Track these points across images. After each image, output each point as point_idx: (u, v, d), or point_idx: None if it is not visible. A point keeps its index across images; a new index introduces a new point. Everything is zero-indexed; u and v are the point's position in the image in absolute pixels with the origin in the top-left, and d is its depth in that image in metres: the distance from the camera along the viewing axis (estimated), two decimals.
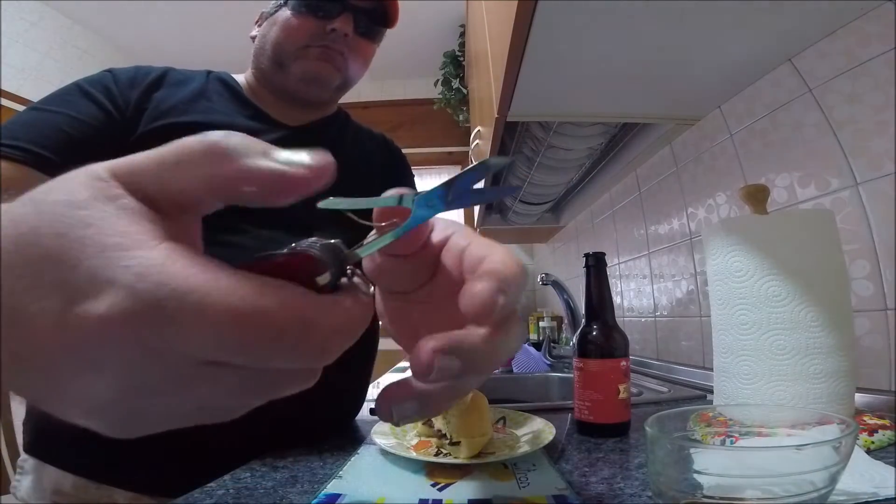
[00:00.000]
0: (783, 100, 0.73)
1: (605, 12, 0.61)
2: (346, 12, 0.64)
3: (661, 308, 1.16)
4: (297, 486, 0.42)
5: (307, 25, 0.63)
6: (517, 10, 0.60)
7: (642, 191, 1.23)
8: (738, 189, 0.56)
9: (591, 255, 0.60)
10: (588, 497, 0.37)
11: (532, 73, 0.76)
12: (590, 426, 0.55)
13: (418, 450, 0.49)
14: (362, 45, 0.68)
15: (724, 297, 0.53)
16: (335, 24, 0.63)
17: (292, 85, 0.66)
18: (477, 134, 1.38)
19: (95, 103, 0.56)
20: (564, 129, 1.04)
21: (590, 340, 0.57)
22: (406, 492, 0.40)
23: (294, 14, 0.64)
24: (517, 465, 0.45)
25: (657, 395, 0.82)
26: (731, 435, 0.37)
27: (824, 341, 0.47)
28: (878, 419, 0.46)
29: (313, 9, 0.63)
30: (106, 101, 0.57)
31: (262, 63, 0.67)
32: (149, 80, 0.62)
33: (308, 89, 0.66)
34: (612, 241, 1.46)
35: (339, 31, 0.63)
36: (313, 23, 0.63)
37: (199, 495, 0.40)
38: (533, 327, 2.25)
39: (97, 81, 0.59)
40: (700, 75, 0.78)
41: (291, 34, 0.64)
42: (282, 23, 0.64)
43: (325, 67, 0.65)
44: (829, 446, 0.27)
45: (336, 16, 0.63)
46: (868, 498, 0.32)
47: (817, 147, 0.67)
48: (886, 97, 0.57)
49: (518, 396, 1.12)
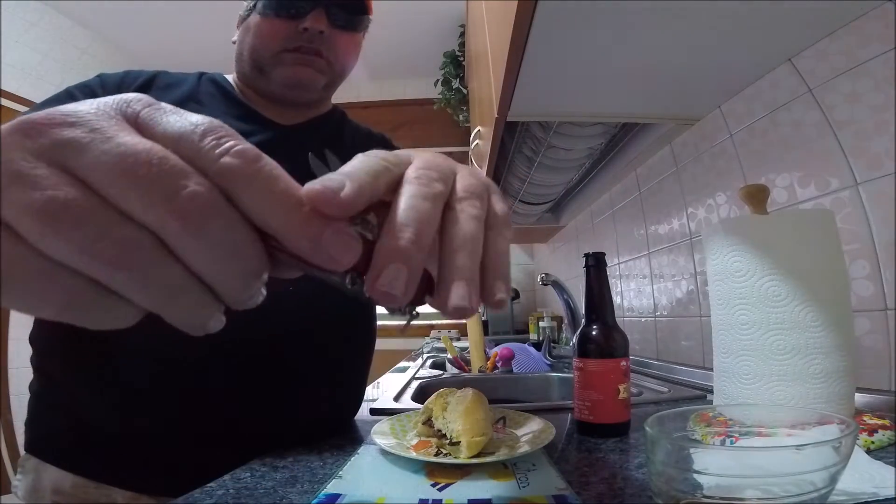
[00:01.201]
0: (783, 100, 0.73)
1: (605, 12, 0.61)
2: (316, 8, 0.61)
3: (661, 308, 1.16)
4: (297, 486, 0.42)
5: (279, 28, 0.61)
6: (517, 10, 0.60)
7: (642, 191, 1.23)
8: (738, 189, 0.56)
9: (591, 255, 0.60)
10: (588, 497, 0.37)
11: (532, 73, 0.76)
12: (590, 426, 0.55)
13: (418, 450, 0.49)
14: (343, 39, 0.65)
15: (724, 296, 0.53)
16: (307, 23, 0.60)
17: (276, 90, 0.64)
18: (477, 134, 1.38)
19: None
20: (564, 129, 1.04)
21: (590, 340, 0.57)
22: (406, 492, 0.40)
23: (263, 17, 0.61)
24: (517, 465, 0.45)
25: (657, 395, 0.82)
26: (731, 435, 0.37)
27: (824, 341, 0.47)
28: (878, 419, 0.46)
29: (282, 8, 0.60)
30: None
31: (243, 69, 0.66)
32: (137, 84, 0.61)
33: (293, 94, 0.65)
34: (612, 241, 1.46)
35: (311, 29, 0.61)
36: (285, 24, 0.61)
37: (199, 495, 0.40)
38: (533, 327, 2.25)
39: (86, 87, 0.58)
40: (700, 75, 0.78)
41: (265, 40, 0.62)
42: (254, 28, 0.62)
43: (304, 72, 0.63)
44: (829, 446, 0.27)
45: (307, 13, 0.60)
46: (868, 498, 0.32)
47: (817, 147, 0.67)
48: (886, 97, 0.57)
49: (518, 396, 1.12)
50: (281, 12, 0.61)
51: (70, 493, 0.54)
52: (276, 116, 0.67)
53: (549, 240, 2.46)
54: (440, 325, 2.84)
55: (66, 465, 0.55)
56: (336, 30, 0.63)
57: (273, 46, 0.62)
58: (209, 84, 0.67)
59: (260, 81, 0.65)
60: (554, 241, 2.36)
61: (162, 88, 0.62)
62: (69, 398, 0.57)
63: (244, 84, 0.68)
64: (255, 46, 0.63)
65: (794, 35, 0.66)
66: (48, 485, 0.55)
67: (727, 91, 0.83)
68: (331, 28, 0.63)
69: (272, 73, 0.63)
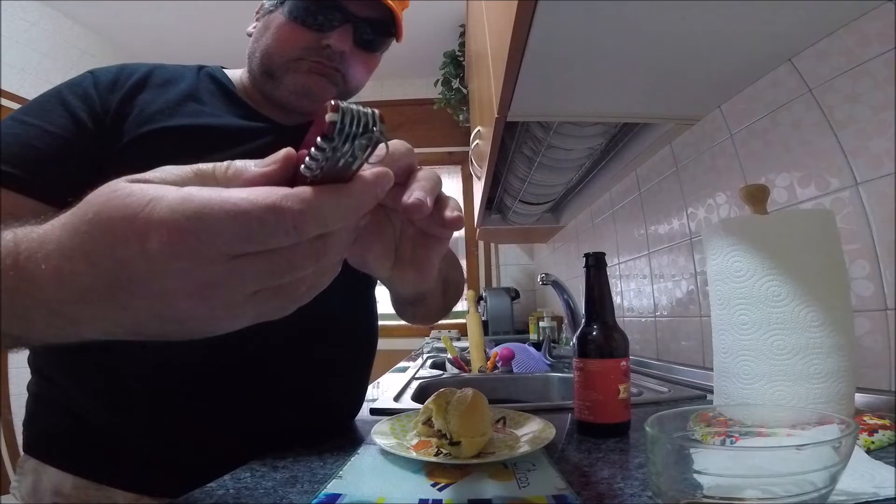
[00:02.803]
0: (783, 100, 0.73)
1: (605, 12, 0.61)
2: (345, 24, 0.59)
3: (661, 308, 1.16)
4: (297, 486, 0.42)
5: (301, 36, 0.59)
6: (517, 10, 0.60)
7: (642, 191, 1.23)
8: (738, 189, 0.56)
9: (591, 255, 0.60)
10: (588, 497, 0.37)
11: (532, 73, 0.76)
12: (590, 426, 0.55)
13: (418, 450, 0.49)
14: (363, 58, 0.63)
15: (724, 297, 0.53)
16: (331, 40, 0.58)
17: (284, 96, 0.62)
18: (477, 134, 1.38)
19: (69, 113, 0.53)
20: (564, 129, 1.04)
21: (590, 340, 0.57)
22: (406, 492, 0.40)
23: (288, 20, 0.59)
24: (517, 465, 0.45)
25: (657, 395, 0.82)
26: (731, 435, 0.37)
27: (824, 341, 0.47)
28: (878, 419, 0.46)
29: (310, 17, 0.58)
30: (82, 110, 0.54)
31: (253, 67, 0.64)
32: (132, 81, 0.58)
33: (300, 102, 0.62)
34: (612, 241, 1.46)
35: (334, 48, 0.58)
36: (307, 34, 0.58)
37: (199, 495, 0.40)
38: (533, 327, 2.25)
39: (78, 86, 0.56)
40: (700, 75, 0.78)
41: (283, 44, 0.59)
42: (275, 28, 0.60)
43: (318, 82, 0.60)
44: (829, 446, 0.27)
45: (334, 28, 0.58)
46: (868, 498, 0.32)
47: (817, 147, 0.67)
48: (886, 97, 0.57)
49: (518, 396, 1.12)
50: (308, 21, 0.58)
51: (70, 495, 0.54)
52: (277, 116, 0.65)
53: (549, 240, 2.46)
54: (440, 325, 2.85)
55: (65, 465, 0.55)
56: (359, 49, 0.61)
57: (290, 53, 0.59)
58: (209, 80, 0.64)
59: (268, 85, 0.63)
60: (554, 241, 2.36)
61: (159, 85, 0.60)
62: (68, 399, 0.57)
63: (251, 82, 0.66)
64: (272, 49, 0.60)
65: (794, 35, 0.66)
66: (48, 486, 0.55)
67: (727, 91, 0.83)
68: (354, 46, 0.60)
69: (283, 79, 0.61)
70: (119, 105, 0.56)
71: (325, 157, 0.22)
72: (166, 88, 0.60)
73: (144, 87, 0.59)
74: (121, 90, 0.57)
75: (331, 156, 0.22)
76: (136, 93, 0.58)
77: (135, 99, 0.57)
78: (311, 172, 0.22)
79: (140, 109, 0.56)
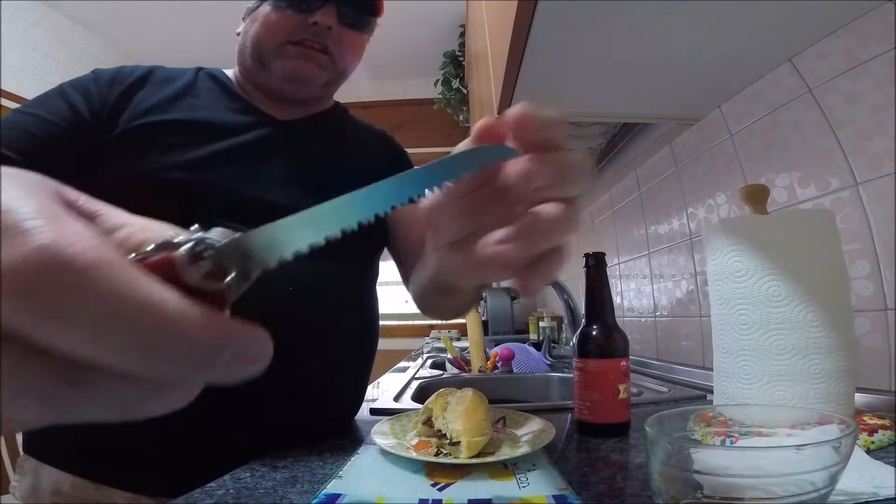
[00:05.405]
0: (783, 100, 0.73)
1: (605, 12, 0.61)
2: (328, 4, 0.61)
3: (661, 308, 1.16)
4: (297, 486, 0.42)
5: (287, 20, 0.61)
6: (517, 10, 0.60)
7: (642, 191, 1.23)
8: (738, 189, 0.56)
9: (591, 255, 0.60)
10: (588, 497, 0.37)
11: (532, 73, 0.76)
12: (590, 426, 0.55)
13: (418, 450, 0.49)
14: (349, 37, 0.65)
15: (724, 297, 0.53)
16: (317, 17, 0.60)
17: (276, 84, 0.64)
18: None
19: (68, 104, 0.55)
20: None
21: (590, 340, 0.57)
22: (406, 492, 0.40)
23: (274, 8, 0.61)
24: (517, 465, 0.45)
25: (657, 395, 0.82)
26: (731, 435, 0.37)
27: (824, 341, 0.47)
28: (878, 419, 0.46)
29: (294, 1, 0.61)
30: (80, 102, 0.56)
31: (245, 61, 0.66)
32: (132, 78, 0.60)
33: (292, 89, 0.64)
34: (612, 241, 1.46)
35: (321, 24, 0.61)
36: (294, 17, 0.61)
37: (199, 495, 0.40)
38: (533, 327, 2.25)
39: (78, 82, 0.58)
40: (700, 75, 0.78)
41: (271, 30, 0.62)
42: (262, 18, 0.62)
43: (306, 66, 0.63)
44: (829, 446, 0.27)
45: (318, 8, 0.61)
46: (868, 498, 0.32)
47: (817, 147, 0.67)
48: (886, 97, 0.57)
49: (518, 396, 1.12)
50: (293, 4, 0.61)
51: (70, 494, 0.54)
52: (274, 112, 0.66)
53: None
54: (440, 325, 2.85)
55: (65, 465, 0.55)
56: (344, 28, 0.64)
57: (278, 37, 0.61)
58: (207, 79, 0.66)
59: (260, 75, 0.64)
60: None
61: (158, 83, 0.61)
62: None
63: (244, 78, 0.67)
64: (260, 37, 0.62)
65: (794, 35, 0.66)
66: (47, 486, 0.55)
67: (727, 91, 0.83)
68: (339, 25, 0.63)
69: (273, 66, 0.62)
70: (117, 99, 0.58)
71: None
72: (164, 86, 0.61)
73: (144, 84, 0.60)
74: (120, 85, 0.59)
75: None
76: (135, 89, 0.60)
77: (133, 94, 0.59)
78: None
79: (136, 104, 0.58)
